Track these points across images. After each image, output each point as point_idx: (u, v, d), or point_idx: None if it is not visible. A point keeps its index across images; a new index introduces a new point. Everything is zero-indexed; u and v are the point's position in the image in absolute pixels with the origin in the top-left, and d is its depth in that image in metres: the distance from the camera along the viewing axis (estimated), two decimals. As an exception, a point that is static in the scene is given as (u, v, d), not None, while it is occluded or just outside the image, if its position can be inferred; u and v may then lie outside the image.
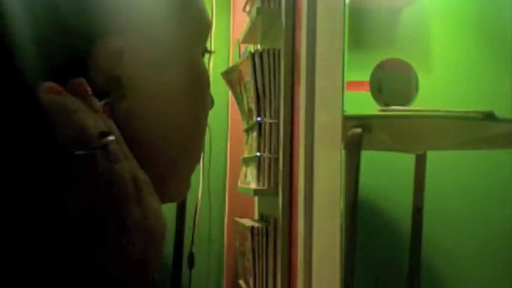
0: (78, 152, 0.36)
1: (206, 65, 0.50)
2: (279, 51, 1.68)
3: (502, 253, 2.54)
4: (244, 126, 1.93)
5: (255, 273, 1.83)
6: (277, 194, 1.65)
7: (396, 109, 1.95)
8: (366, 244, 2.26)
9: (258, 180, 1.69)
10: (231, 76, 1.96)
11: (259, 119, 1.70)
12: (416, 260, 2.36)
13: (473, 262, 2.53)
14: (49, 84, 0.38)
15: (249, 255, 1.87)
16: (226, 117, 2.69)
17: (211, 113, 0.52)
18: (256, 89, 1.70)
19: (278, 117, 1.67)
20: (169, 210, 2.37)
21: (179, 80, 0.46)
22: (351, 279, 1.68)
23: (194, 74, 0.48)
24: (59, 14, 0.40)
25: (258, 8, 1.75)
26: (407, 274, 2.37)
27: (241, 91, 1.91)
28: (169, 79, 0.45)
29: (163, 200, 0.44)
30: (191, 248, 2.63)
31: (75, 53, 0.40)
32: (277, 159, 1.67)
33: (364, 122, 1.72)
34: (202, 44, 0.50)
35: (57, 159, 0.36)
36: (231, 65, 2.45)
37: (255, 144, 1.72)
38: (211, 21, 0.52)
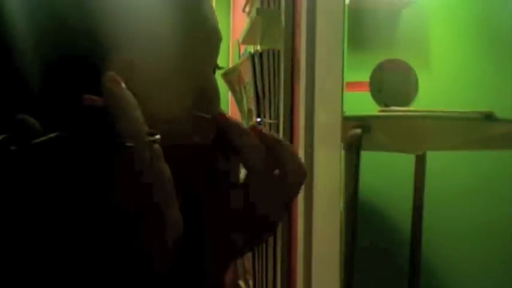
0: (129, 144, 0.37)
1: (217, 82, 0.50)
2: (278, 51, 1.69)
3: (502, 253, 2.54)
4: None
5: (254, 273, 1.83)
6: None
7: (396, 109, 1.96)
8: (366, 244, 2.26)
9: (258, 181, 1.69)
10: (230, 77, 1.96)
11: (259, 119, 1.70)
12: (417, 260, 2.36)
13: (473, 262, 2.53)
14: (112, 74, 0.39)
15: (249, 256, 1.87)
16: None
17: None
18: (256, 89, 1.70)
19: (278, 118, 1.67)
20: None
21: (188, 98, 0.46)
22: (350, 279, 1.68)
23: (204, 93, 0.48)
24: (69, 32, 0.40)
25: (257, 9, 1.75)
26: (408, 274, 2.37)
27: (241, 92, 1.91)
28: (179, 96, 0.45)
29: None
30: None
31: (87, 69, 0.40)
32: (277, 160, 1.67)
33: (363, 122, 1.72)
34: (214, 61, 0.50)
35: (107, 146, 0.38)
36: (230, 65, 2.46)
37: (254, 145, 1.72)
38: (222, 36, 0.52)
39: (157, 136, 0.39)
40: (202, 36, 0.48)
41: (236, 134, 0.44)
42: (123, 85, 0.39)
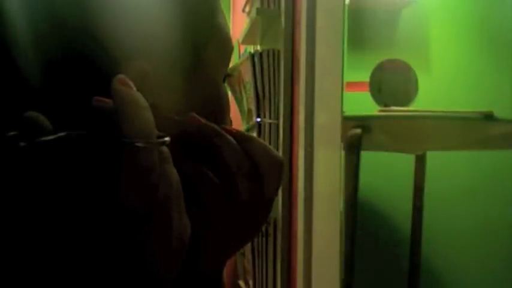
0: (137, 143, 0.37)
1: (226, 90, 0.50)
2: (278, 51, 1.69)
3: (502, 253, 2.54)
4: (244, 126, 1.94)
5: (254, 273, 1.83)
6: (277, 195, 1.65)
7: (396, 109, 1.96)
8: (366, 244, 2.26)
9: (258, 181, 1.69)
10: (230, 77, 1.96)
11: (258, 119, 1.70)
12: (416, 260, 2.36)
13: (473, 262, 2.53)
14: (122, 76, 0.40)
15: (249, 256, 1.87)
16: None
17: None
18: (256, 89, 1.70)
19: (278, 118, 1.67)
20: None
21: (200, 106, 0.46)
22: (350, 279, 1.68)
23: (215, 101, 0.48)
24: (70, 32, 0.40)
25: (257, 9, 1.75)
26: (408, 274, 2.37)
27: (241, 92, 1.91)
28: (191, 105, 0.45)
29: None
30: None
31: (93, 70, 0.40)
32: (277, 160, 1.67)
33: (363, 122, 1.72)
34: (225, 70, 0.50)
35: (116, 146, 0.37)
36: (230, 65, 2.46)
37: (254, 145, 1.71)
38: (234, 46, 0.52)
39: (167, 138, 0.39)
40: (217, 46, 0.48)
41: (210, 134, 0.44)
42: (133, 87, 0.39)
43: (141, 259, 0.38)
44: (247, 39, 2.05)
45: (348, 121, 1.64)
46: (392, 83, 2.15)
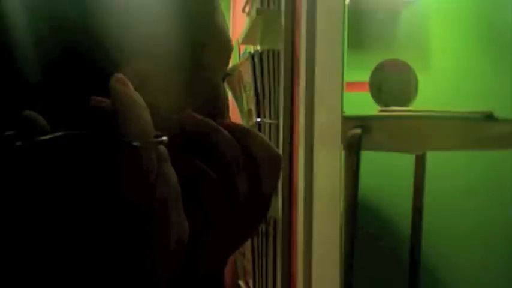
0: (135, 143, 0.37)
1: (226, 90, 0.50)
2: (278, 52, 1.69)
3: (502, 253, 2.54)
4: (244, 127, 1.94)
5: (254, 273, 1.83)
6: (277, 195, 1.65)
7: (396, 110, 1.96)
8: (366, 245, 2.26)
9: (258, 181, 1.69)
10: (230, 77, 1.96)
11: (258, 119, 1.70)
12: (417, 261, 2.36)
13: (473, 262, 2.53)
14: (120, 75, 0.39)
15: (249, 256, 1.87)
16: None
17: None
18: (256, 89, 1.71)
19: (278, 118, 1.67)
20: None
21: (199, 106, 0.46)
22: (350, 279, 1.68)
23: (214, 101, 0.48)
24: (70, 31, 0.40)
25: (257, 9, 1.75)
26: (408, 274, 2.37)
27: (240, 92, 1.91)
28: (190, 104, 0.45)
29: None
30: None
31: (91, 70, 0.40)
32: (277, 160, 1.67)
33: (363, 122, 1.72)
34: (225, 70, 0.50)
35: (113, 146, 0.37)
36: (230, 65, 2.46)
37: (254, 145, 1.71)
38: (233, 46, 0.52)
39: (165, 138, 0.39)
40: (216, 46, 0.48)
41: (207, 130, 0.44)
42: (131, 86, 0.39)
43: (139, 259, 0.37)
44: (247, 39, 2.05)
45: (348, 121, 1.64)
46: (392, 83, 2.15)
